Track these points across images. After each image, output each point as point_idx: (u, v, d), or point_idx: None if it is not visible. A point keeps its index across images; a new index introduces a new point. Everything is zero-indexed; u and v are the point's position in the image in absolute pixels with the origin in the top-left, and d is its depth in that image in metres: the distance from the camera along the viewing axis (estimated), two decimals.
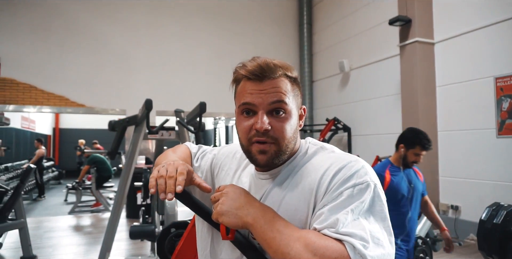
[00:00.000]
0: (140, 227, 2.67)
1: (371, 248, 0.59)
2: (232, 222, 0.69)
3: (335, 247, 0.60)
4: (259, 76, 0.75)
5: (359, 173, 0.69)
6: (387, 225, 0.66)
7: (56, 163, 12.77)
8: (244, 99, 0.76)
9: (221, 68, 6.86)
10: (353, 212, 0.64)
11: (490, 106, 4.01)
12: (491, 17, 4.01)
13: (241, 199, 0.72)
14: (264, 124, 0.72)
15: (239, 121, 0.78)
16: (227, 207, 0.70)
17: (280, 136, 0.74)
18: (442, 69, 4.61)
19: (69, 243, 4.38)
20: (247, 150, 0.78)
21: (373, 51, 5.69)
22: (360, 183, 0.68)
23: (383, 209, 0.67)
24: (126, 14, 6.38)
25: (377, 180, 0.71)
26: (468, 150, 4.26)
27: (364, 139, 5.90)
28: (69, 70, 5.98)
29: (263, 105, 0.74)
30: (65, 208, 6.77)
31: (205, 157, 0.99)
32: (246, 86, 0.77)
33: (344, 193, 0.67)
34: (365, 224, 0.63)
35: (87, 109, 6.10)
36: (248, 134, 0.76)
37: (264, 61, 0.76)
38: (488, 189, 4.00)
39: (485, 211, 2.16)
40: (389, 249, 0.63)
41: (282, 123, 0.75)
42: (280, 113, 0.75)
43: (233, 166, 0.92)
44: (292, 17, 7.55)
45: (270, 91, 0.74)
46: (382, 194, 0.69)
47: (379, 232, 0.63)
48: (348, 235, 0.60)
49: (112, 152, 3.23)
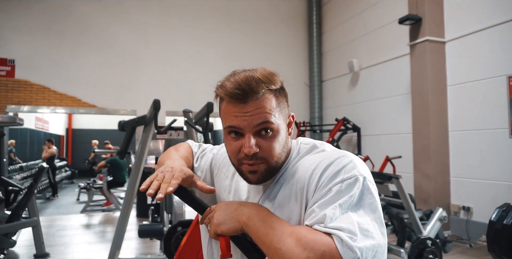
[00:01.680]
0: (149, 226, 2.71)
1: (359, 240, 0.60)
2: (231, 227, 0.70)
3: (324, 240, 0.60)
4: (240, 99, 0.72)
5: (346, 168, 0.70)
6: (378, 216, 0.66)
7: (69, 163, 12.98)
8: (230, 122, 0.74)
9: (230, 68, 6.71)
10: (341, 206, 0.65)
11: (502, 106, 3.94)
12: (503, 15, 3.93)
13: (232, 204, 0.74)
14: (252, 149, 0.72)
15: (227, 141, 0.78)
16: (222, 216, 0.72)
17: (269, 155, 0.74)
18: (453, 68, 4.54)
19: (80, 241, 4.45)
20: (238, 168, 0.79)
21: (383, 51, 5.64)
22: (348, 177, 0.68)
23: (373, 202, 0.67)
24: (136, 15, 6.46)
25: (366, 173, 0.71)
26: (480, 150, 4.19)
27: (374, 139, 5.85)
28: (81, 71, 6.09)
29: (249, 128, 0.73)
30: (77, 207, 6.89)
31: (205, 157, 1.00)
32: (229, 107, 0.75)
33: (333, 189, 0.67)
34: (353, 217, 0.63)
35: (98, 109, 6.20)
36: (237, 155, 0.76)
37: (244, 79, 0.72)
38: (500, 190, 3.93)
39: (494, 212, 2.13)
40: (380, 239, 0.63)
41: (269, 142, 0.74)
42: (267, 132, 0.74)
43: (232, 168, 0.91)
44: (301, 17, 7.53)
45: (254, 113, 0.72)
46: (372, 187, 0.69)
47: (368, 224, 0.63)
48: (337, 228, 0.61)
49: (122, 151, 3.28)
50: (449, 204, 4.51)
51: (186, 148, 1.01)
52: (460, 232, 4.34)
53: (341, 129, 6.08)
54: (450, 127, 4.57)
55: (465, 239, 4.23)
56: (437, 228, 3.13)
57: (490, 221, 2.09)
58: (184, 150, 1.00)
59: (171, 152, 0.96)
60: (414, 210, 3.07)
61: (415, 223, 3.00)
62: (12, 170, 7.04)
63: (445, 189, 4.54)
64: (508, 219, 2.01)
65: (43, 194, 7.91)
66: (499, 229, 2.02)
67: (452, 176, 4.54)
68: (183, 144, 1.04)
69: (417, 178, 4.73)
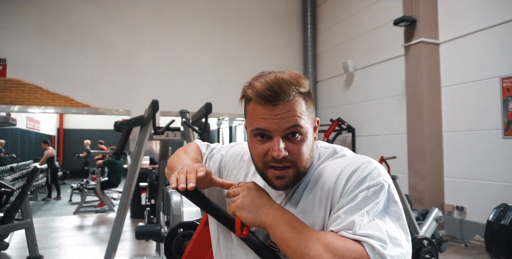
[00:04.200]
0: (146, 227, 2.68)
1: (390, 248, 0.60)
2: (250, 218, 0.69)
3: (354, 247, 0.60)
4: (272, 101, 0.70)
5: (372, 175, 0.69)
6: (403, 224, 0.66)
7: (61, 163, 12.83)
8: (258, 125, 0.72)
9: (225, 69, 6.88)
10: (368, 213, 0.64)
11: (496, 107, 3.99)
12: (496, 17, 3.99)
13: (263, 197, 0.72)
14: (281, 152, 0.70)
15: (253, 144, 0.75)
16: (248, 202, 0.71)
17: (298, 159, 0.72)
18: (447, 70, 4.59)
19: (74, 243, 4.39)
20: (263, 173, 0.76)
21: (378, 52, 5.68)
22: (374, 184, 0.68)
23: (397, 209, 0.67)
24: (131, 15, 6.41)
25: (390, 180, 0.71)
26: (474, 151, 4.24)
27: (369, 139, 5.89)
28: (74, 71, 6.02)
29: (278, 131, 0.70)
30: (70, 208, 6.81)
31: (213, 158, 0.99)
32: (257, 109, 0.72)
33: (359, 196, 0.67)
34: (381, 225, 0.63)
35: (91, 109, 6.13)
36: (264, 158, 0.73)
37: (275, 81, 0.69)
38: (494, 190, 3.98)
39: (492, 212, 2.15)
40: (407, 248, 0.63)
41: (298, 146, 0.72)
42: (296, 135, 0.72)
43: (242, 170, 0.91)
44: (296, 18, 7.55)
45: (285, 115, 0.70)
46: (395, 194, 0.69)
47: (395, 232, 0.63)
48: (366, 236, 0.61)
49: (117, 152, 3.24)
50: (443, 204, 4.55)
51: (195, 149, 1.00)
52: (454, 231, 4.39)
53: (335, 130, 6.10)
54: (444, 128, 4.61)
55: (459, 238, 4.28)
56: (433, 228, 3.16)
57: (488, 221, 2.11)
58: (193, 151, 0.98)
59: (182, 155, 0.94)
60: (411, 210, 3.10)
61: (412, 223, 3.02)
62: (3, 170, 6.93)
63: (439, 189, 4.59)
64: (506, 219, 2.03)
65: (34, 196, 7.80)
66: (497, 229, 2.04)
67: (446, 176, 4.59)
68: (191, 145, 1.03)
69: (411, 178, 4.77)
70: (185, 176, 0.72)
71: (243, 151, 0.94)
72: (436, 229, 3.23)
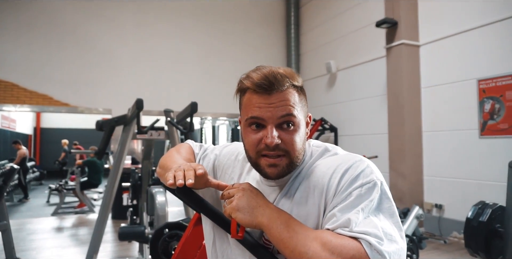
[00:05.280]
0: (130, 228, 2.63)
1: (386, 244, 0.61)
2: (246, 219, 0.69)
3: (352, 244, 0.61)
4: (266, 89, 0.73)
5: (365, 173, 0.71)
6: (396, 221, 0.68)
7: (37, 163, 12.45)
8: (252, 113, 0.74)
9: (208, 68, 6.84)
10: (363, 211, 0.66)
11: (473, 108, 4.13)
12: (473, 21, 4.12)
13: (258, 198, 0.72)
14: (274, 139, 0.72)
15: (247, 133, 0.77)
16: (244, 203, 0.70)
17: (291, 148, 0.74)
18: (427, 71, 4.71)
19: (53, 246, 4.27)
20: (255, 162, 0.77)
21: (360, 53, 5.77)
22: (367, 182, 0.69)
23: (390, 206, 0.69)
24: (113, 12, 6.28)
25: (382, 178, 0.72)
26: (452, 150, 4.37)
27: (351, 139, 5.98)
28: (53, 68, 5.85)
29: (272, 119, 0.73)
30: (48, 209, 6.61)
31: (207, 158, 0.99)
32: (253, 98, 0.75)
33: (353, 193, 0.68)
34: (376, 222, 0.64)
35: (70, 108, 5.97)
36: (257, 147, 0.75)
37: (270, 72, 0.73)
38: (471, 188, 4.12)
39: (471, 209, 2.22)
40: (402, 244, 0.65)
41: (291, 136, 0.74)
42: (289, 125, 0.74)
43: (237, 169, 0.91)
44: (280, 18, 7.58)
45: (278, 104, 0.73)
46: (388, 191, 0.71)
47: (390, 228, 0.65)
48: (363, 233, 0.62)
49: (99, 152, 3.18)
50: (422, 202, 4.67)
51: (187, 149, 0.99)
52: (433, 229, 4.51)
53: (318, 130, 6.16)
54: (424, 128, 4.73)
55: (437, 235, 4.40)
56: (414, 226, 3.23)
57: (467, 218, 2.18)
58: (186, 151, 0.98)
59: (174, 155, 0.93)
60: None
61: None
62: None
63: (418, 188, 4.70)
64: (484, 216, 2.10)
65: (10, 197, 7.54)
66: (476, 226, 2.11)
67: (425, 175, 4.71)
68: (183, 145, 1.02)
69: (392, 177, 4.88)
70: (183, 173, 0.71)
71: (238, 151, 0.95)
72: (416, 226, 3.31)
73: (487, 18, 3.98)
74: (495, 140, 3.90)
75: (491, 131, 3.93)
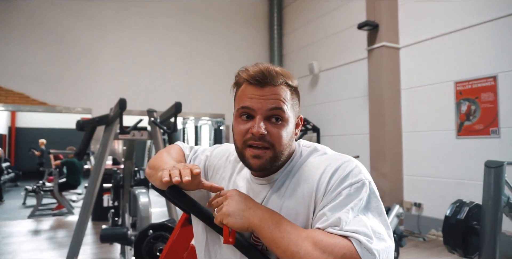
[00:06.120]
0: (112, 230, 2.59)
1: (375, 243, 0.63)
2: (237, 223, 0.70)
3: (343, 243, 0.62)
4: (260, 82, 0.76)
5: (353, 173, 0.73)
6: (384, 219, 0.70)
7: (12, 164, 12.04)
8: (243, 103, 0.77)
9: (191, 67, 6.79)
10: (353, 210, 0.67)
11: (450, 109, 4.26)
12: (451, 25, 4.25)
13: (247, 201, 0.73)
14: (261, 129, 0.74)
15: (236, 123, 0.79)
16: (233, 208, 0.71)
17: (276, 141, 0.76)
18: (406, 73, 4.83)
19: (30, 249, 4.15)
20: (241, 152, 0.79)
21: (342, 54, 5.86)
22: (356, 181, 0.71)
23: (379, 205, 0.71)
24: (93, 9, 6.14)
25: (370, 177, 0.74)
26: (430, 150, 4.49)
27: (333, 139, 6.05)
28: (31, 66, 5.67)
29: (261, 110, 0.76)
30: (24, 211, 6.41)
31: (197, 159, 0.99)
32: (246, 90, 0.78)
33: (342, 193, 0.70)
34: (365, 221, 0.66)
35: (48, 107, 5.80)
36: (244, 136, 0.77)
37: (266, 67, 0.77)
38: (448, 187, 4.24)
39: (449, 207, 2.29)
40: (390, 242, 0.66)
41: (278, 129, 0.76)
42: (278, 120, 0.76)
43: (228, 169, 0.92)
44: (263, 18, 7.60)
45: (269, 97, 0.76)
46: (376, 191, 0.73)
47: (379, 227, 0.67)
48: (353, 232, 0.64)
49: (80, 152, 3.10)
50: (402, 201, 4.79)
51: (177, 151, 0.99)
52: (412, 226, 4.63)
53: (301, 130, 6.21)
54: (404, 128, 4.85)
55: (416, 233, 4.52)
56: (395, 224, 3.31)
57: (445, 216, 2.25)
58: (176, 153, 0.98)
59: (165, 156, 0.93)
60: None
61: None
62: None
63: (398, 187, 4.82)
64: (462, 214, 2.18)
65: None
66: (454, 223, 2.18)
67: (405, 175, 4.83)
68: (174, 147, 1.02)
69: (373, 177, 4.93)
70: (179, 172, 0.72)
71: (229, 152, 0.95)
72: (397, 225, 3.39)
73: (464, 23, 4.11)
74: (471, 140, 4.03)
75: (467, 132, 4.07)
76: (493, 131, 3.82)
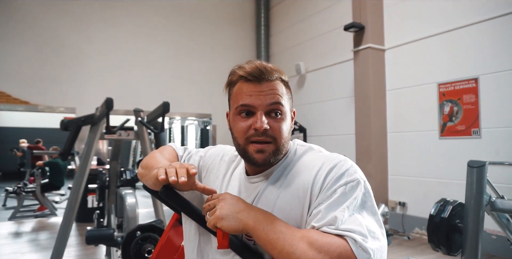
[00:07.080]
0: (98, 231, 2.54)
1: (370, 242, 0.64)
2: (232, 225, 0.69)
3: (338, 242, 0.63)
4: (257, 78, 0.78)
5: (349, 172, 0.74)
6: (378, 218, 0.71)
7: None
8: (243, 101, 0.78)
9: (177, 67, 6.73)
10: (348, 208, 0.68)
11: (433, 110, 4.35)
12: (434, 28, 4.34)
13: (239, 203, 0.73)
14: (264, 124, 0.75)
15: (236, 121, 0.80)
16: (226, 211, 0.71)
17: (278, 135, 0.77)
18: (391, 74, 4.91)
19: (11, 251, 4.04)
20: (244, 149, 0.79)
21: (329, 55, 5.91)
22: (351, 180, 0.72)
23: (373, 204, 0.72)
24: (77, 7, 6.02)
25: (364, 177, 0.76)
26: (414, 150, 4.58)
27: (319, 139, 6.11)
28: (11, 64, 5.52)
29: (262, 106, 0.77)
30: (5, 213, 6.23)
31: (191, 160, 0.99)
32: (243, 87, 0.79)
33: (337, 191, 0.71)
34: (360, 220, 0.67)
35: (30, 106, 5.66)
36: (246, 133, 0.78)
37: (261, 64, 0.79)
38: (432, 186, 4.34)
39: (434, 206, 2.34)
40: (384, 241, 0.68)
41: (279, 123, 0.78)
42: (277, 114, 0.78)
43: (222, 169, 0.92)
44: (250, 19, 7.60)
45: (268, 92, 0.78)
46: (370, 190, 0.75)
47: (373, 226, 0.68)
48: (349, 231, 0.64)
49: (65, 152, 3.04)
50: (387, 200, 4.86)
51: (170, 152, 0.99)
52: (396, 225, 4.71)
53: None
54: (389, 129, 4.93)
55: (401, 232, 4.60)
56: None
57: (430, 215, 2.29)
58: (169, 153, 0.97)
59: (158, 156, 0.93)
60: None
61: None
62: None
63: (383, 187, 4.89)
64: (445, 213, 2.22)
65: None
66: (438, 222, 2.23)
67: (390, 174, 4.91)
68: (166, 148, 1.02)
69: None
70: (175, 171, 0.71)
71: (223, 152, 0.96)
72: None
73: (447, 25, 4.21)
74: (454, 141, 4.13)
75: (450, 132, 4.16)
76: (475, 132, 3.92)
